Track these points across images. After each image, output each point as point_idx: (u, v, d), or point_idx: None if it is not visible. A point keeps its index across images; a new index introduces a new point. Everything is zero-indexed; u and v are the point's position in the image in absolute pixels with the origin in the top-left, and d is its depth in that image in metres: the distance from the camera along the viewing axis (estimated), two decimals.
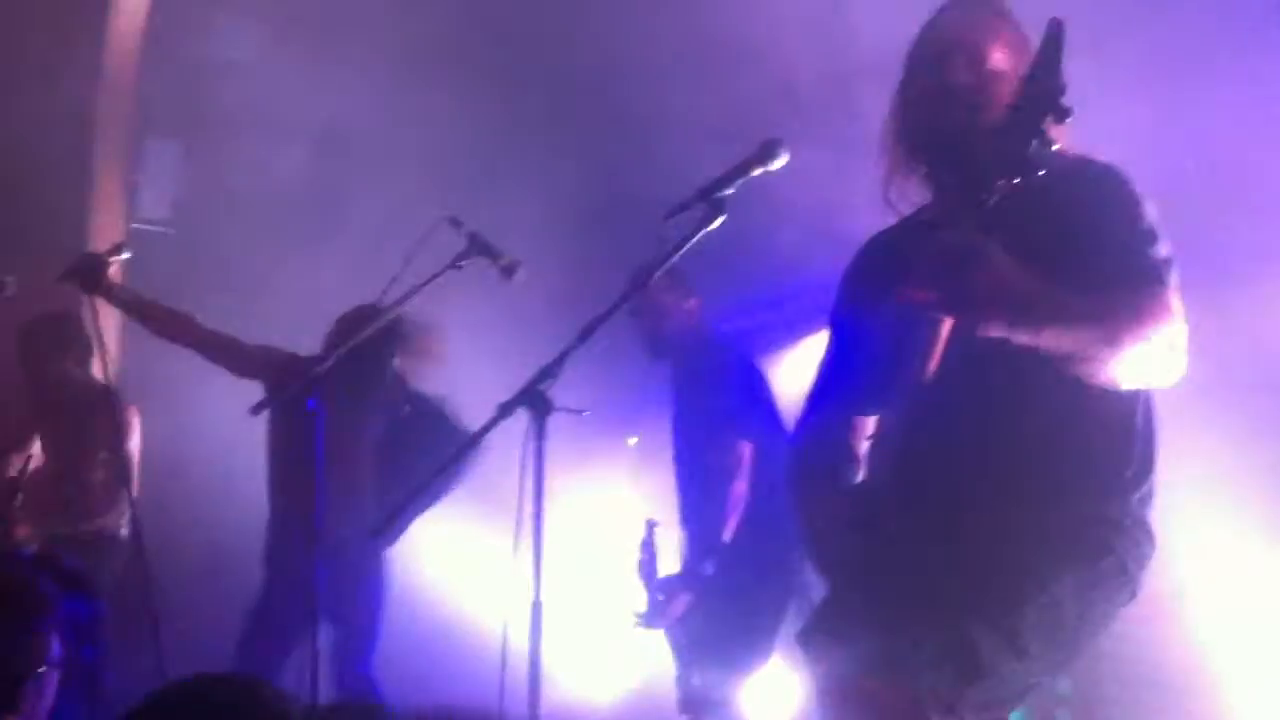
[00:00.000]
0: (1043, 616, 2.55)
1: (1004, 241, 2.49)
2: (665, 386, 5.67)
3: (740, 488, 5.18)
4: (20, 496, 5.42)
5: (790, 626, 5.21)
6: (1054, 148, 2.44)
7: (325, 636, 4.75)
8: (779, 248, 6.21)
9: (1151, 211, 2.72)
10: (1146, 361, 2.58)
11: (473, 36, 7.12)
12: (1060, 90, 2.44)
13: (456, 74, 6.64)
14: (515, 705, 3.09)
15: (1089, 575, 2.62)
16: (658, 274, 3.32)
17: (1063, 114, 2.45)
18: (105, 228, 6.58)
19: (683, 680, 5.39)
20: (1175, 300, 2.63)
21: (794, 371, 5.90)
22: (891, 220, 2.97)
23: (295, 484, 5.05)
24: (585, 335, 3.17)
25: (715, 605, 5.18)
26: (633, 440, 7.60)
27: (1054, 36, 2.47)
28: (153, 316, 5.29)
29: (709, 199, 3.16)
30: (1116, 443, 2.70)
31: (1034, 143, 2.43)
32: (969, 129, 2.71)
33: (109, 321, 5.76)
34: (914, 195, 2.91)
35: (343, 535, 4.90)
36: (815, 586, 5.03)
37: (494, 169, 6.68)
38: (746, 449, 5.23)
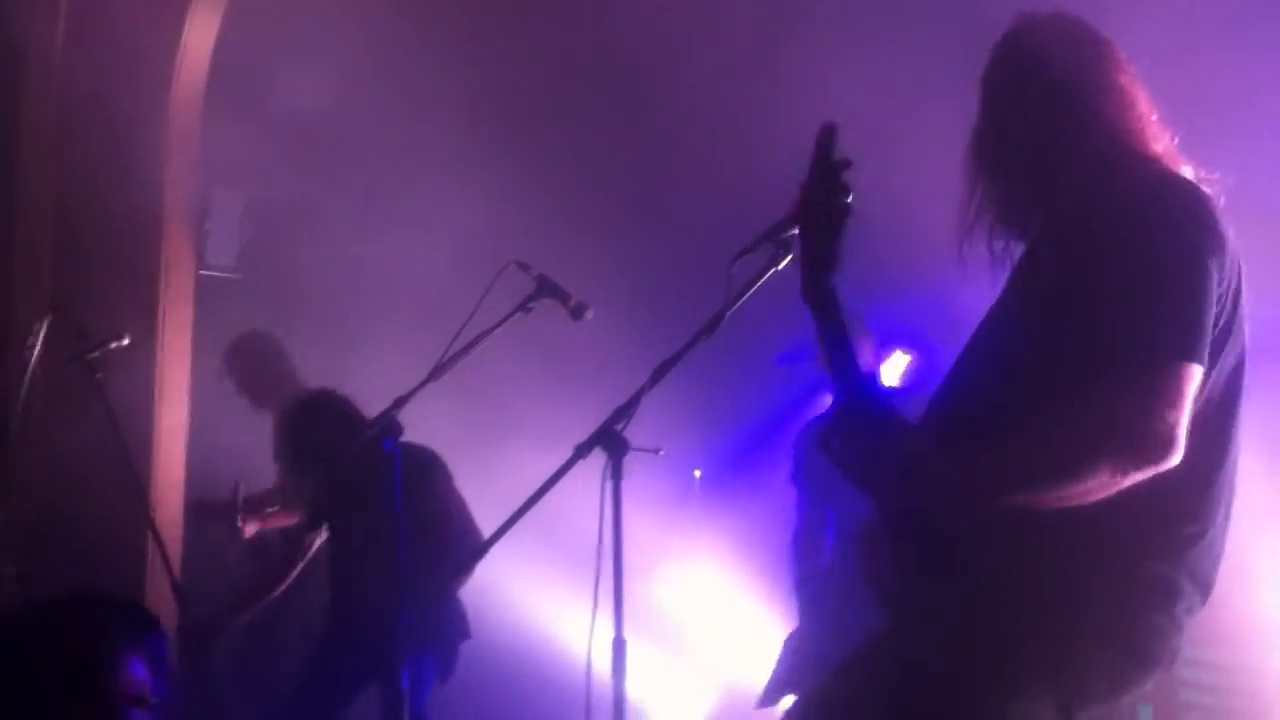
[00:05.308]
0: (1071, 690, 2.37)
1: (1026, 292, 2.50)
2: None
3: None
4: None
5: None
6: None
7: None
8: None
9: (1187, 248, 2.33)
10: (1105, 488, 2.27)
11: (548, 85, 7.22)
12: (845, 205, 2.46)
13: (530, 121, 6.71)
14: None
15: (1122, 643, 2.40)
16: (727, 315, 3.35)
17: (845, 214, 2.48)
18: (177, 278, 6.77)
19: None
20: (1171, 379, 2.26)
21: None
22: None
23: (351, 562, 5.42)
24: (657, 377, 3.24)
25: None
26: (698, 473, 7.66)
27: (823, 143, 2.46)
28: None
29: (775, 239, 3.18)
30: (1160, 503, 2.36)
31: (839, 244, 2.49)
32: (1015, 201, 2.64)
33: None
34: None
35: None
36: None
37: (567, 218, 6.72)
38: None
